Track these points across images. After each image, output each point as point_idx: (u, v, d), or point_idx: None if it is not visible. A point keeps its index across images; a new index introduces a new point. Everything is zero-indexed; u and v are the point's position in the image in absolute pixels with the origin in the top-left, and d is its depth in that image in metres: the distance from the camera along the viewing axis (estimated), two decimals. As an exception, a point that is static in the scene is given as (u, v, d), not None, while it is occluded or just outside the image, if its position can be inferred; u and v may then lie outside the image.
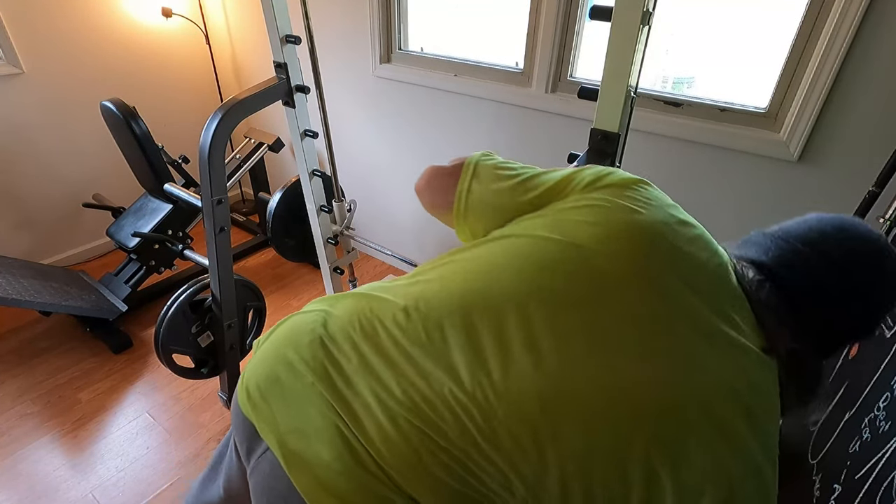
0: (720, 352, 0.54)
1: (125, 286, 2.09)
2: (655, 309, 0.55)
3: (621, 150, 1.02)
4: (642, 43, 0.90)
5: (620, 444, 0.51)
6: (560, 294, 0.56)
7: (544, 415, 0.52)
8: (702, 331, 0.55)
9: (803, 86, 1.27)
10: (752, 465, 0.53)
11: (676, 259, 0.58)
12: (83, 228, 2.51)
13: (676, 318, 0.55)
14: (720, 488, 0.51)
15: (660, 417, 0.51)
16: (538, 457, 0.51)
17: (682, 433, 0.51)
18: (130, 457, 1.58)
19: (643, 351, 0.53)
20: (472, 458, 0.53)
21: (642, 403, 0.51)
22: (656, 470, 0.50)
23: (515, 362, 0.53)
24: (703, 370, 0.53)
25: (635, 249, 0.57)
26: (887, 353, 1.04)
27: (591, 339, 0.54)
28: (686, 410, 0.51)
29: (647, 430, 0.51)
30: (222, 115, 1.30)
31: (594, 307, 0.55)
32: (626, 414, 0.51)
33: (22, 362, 1.91)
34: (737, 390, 0.53)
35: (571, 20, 1.59)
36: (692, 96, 1.47)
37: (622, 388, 0.52)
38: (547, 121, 1.75)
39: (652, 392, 0.52)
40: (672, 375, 0.52)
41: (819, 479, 1.17)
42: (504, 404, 0.52)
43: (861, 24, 1.14)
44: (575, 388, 0.52)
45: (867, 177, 1.18)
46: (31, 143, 2.22)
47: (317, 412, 0.57)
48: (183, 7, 2.48)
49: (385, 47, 2.06)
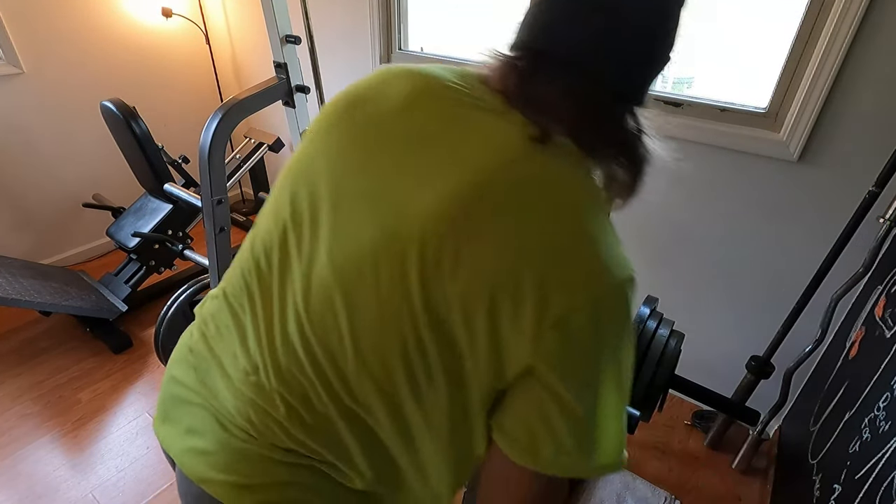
0: (480, 148, 0.50)
1: (125, 286, 2.09)
2: (423, 129, 0.52)
3: (621, 150, 1.02)
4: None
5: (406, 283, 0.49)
6: (340, 182, 0.54)
7: (341, 293, 0.51)
8: (461, 137, 0.51)
9: (803, 86, 1.27)
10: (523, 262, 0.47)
11: (434, 88, 0.56)
12: (83, 228, 2.51)
13: (439, 134, 0.52)
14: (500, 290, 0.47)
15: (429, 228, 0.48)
16: (353, 351, 0.51)
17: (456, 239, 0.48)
18: (130, 457, 1.58)
19: (418, 176, 0.50)
20: (303, 385, 0.54)
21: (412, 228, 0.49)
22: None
23: (316, 260, 0.53)
24: (472, 170, 0.49)
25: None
26: (887, 353, 1.04)
27: (367, 196, 0.51)
28: (455, 220, 0.48)
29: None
30: (222, 116, 1.30)
31: (366, 166, 0.53)
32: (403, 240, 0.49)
33: (22, 362, 1.91)
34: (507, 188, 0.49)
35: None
36: (692, 96, 1.47)
37: (397, 219, 0.49)
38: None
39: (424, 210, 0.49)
40: (441, 186, 0.49)
41: (819, 479, 1.17)
42: (310, 312, 0.53)
43: (861, 24, 1.14)
44: (359, 249, 0.50)
45: (867, 177, 1.18)
46: (30, 144, 2.22)
47: (195, 413, 0.61)
48: (183, 7, 2.48)
49: (385, 47, 2.06)
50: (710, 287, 1.65)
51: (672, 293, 1.71)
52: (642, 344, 1.05)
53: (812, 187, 1.35)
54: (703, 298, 1.68)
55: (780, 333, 1.41)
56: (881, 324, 1.13)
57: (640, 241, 1.74)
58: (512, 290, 0.46)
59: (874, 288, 1.26)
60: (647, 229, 1.70)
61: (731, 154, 1.44)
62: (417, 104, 0.54)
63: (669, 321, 1.11)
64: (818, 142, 1.30)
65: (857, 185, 1.25)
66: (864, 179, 1.21)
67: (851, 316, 1.37)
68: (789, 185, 1.39)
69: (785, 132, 1.33)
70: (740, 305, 1.62)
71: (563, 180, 0.51)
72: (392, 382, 0.52)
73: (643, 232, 1.71)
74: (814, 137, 1.30)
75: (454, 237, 0.47)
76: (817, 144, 1.30)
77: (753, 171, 1.42)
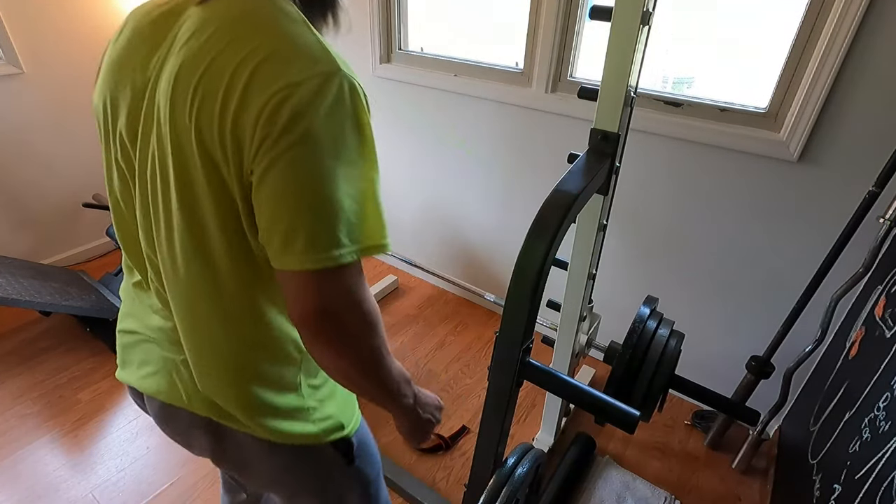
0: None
1: (125, 286, 2.09)
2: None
3: (621, 150, 1.02)
4: (642, 43, 0.90)
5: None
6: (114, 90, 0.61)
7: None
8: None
9: (803, 86, 1.27)
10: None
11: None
12: (83, 228, 2.51)
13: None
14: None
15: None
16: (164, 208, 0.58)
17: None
18: (130, 457, 1.58)
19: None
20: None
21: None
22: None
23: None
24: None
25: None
26: (887, 353, 1.04)
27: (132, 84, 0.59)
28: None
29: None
30: (222, 115, 1.30)
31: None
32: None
33: (22, 362, 1.91)
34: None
35: (571, 20, 1.59)
36: (692, 96, 1.48)
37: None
38: (547, 121, 1.75)
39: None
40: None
41: (819, 479, 1.17)
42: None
43: (861, 24, 1.14)
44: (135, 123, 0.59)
45: (867, 177, 1.18)
46: (30, 144, 2.22)
47: (142, 348, 0.73)
48: (183, 7, 2.48)
49: (385, 47, 2.06)
50: (710, 287, 1.65)
51: (672, 293, 1.72)
52: (642, 344, 1.05)
53: (812, 187, 1.35)
54: (703, 298, 1.69)
55: (780, 333, 1.41)
56: (881, 324, 1.13)
57: (641, 241, 1.74)
58: (227, 90, 0.50)
59: (874, 288, 1.26)
60: (647, 229, 1.70)
61: (731, 154, 1.44)
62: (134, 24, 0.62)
63: (669, 321, 1.11)
64: (818, 142, 1.30)
65: (857, 185, 1.25)
66: (864, 179, 1.21)
67: (851, 316, 1.37)
68: (789, 185, 1.39)
69: (785, 132, 1.33)
70: (740, 305, 1.62)
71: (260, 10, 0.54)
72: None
73: (643, 232, 1.72)
74: (814, 137, 1.30)
75: (187, 77, 0.52)
76: (817, 144, 1.30)
77: (753, 171, 1.42)
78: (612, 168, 1.02)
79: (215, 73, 0.51)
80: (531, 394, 1.86)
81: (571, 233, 1.06)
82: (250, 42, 0.51)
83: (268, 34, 0.52)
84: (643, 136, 1.55)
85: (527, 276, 0.77)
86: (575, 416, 1.78)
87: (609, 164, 1.00)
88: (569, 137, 1.72)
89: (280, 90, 0.49)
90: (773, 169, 1.39)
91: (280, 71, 0.49)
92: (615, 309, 1.82)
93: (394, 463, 1.54)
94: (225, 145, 0.51)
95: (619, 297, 1.85)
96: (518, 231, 2.03)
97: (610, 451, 1.66)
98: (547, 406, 1.59)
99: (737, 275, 1.58)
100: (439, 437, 1.65)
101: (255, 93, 0.49)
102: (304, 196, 0.50)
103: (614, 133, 0.96)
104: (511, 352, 0.83)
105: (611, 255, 1.79)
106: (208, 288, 0.60)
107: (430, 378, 1.92)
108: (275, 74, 0.49)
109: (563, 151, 1.13)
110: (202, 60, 0.51)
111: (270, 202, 0.51)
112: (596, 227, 1.14)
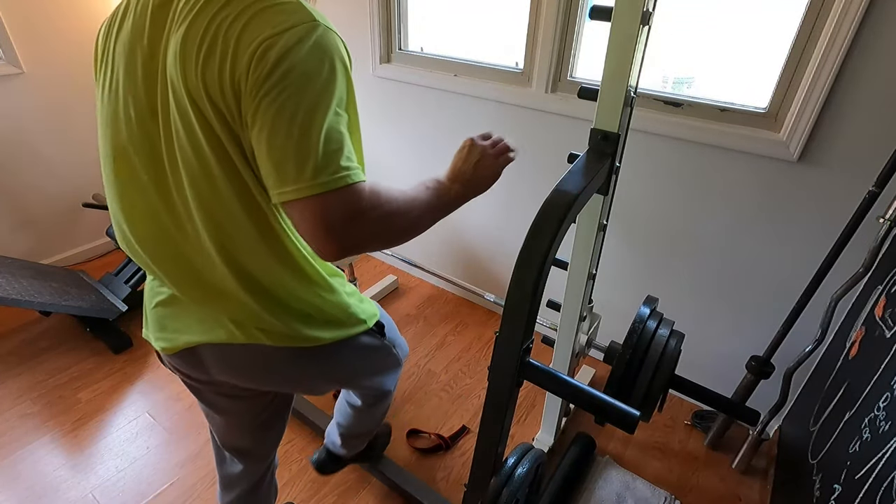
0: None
1: (125, 286, 2.09)
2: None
3: (621, 150, 1.02)
4: (642, 43, 0.90)
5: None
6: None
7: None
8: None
9: (803, 86, 1.27)
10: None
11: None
12: (83, 228, 2.51)
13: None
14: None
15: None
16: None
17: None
18: (130, 457, 1.58)
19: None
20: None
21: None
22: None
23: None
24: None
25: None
26: (887, 353, 1.04)
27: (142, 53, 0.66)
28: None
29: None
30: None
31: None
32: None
33: (22, 362, 1.91)
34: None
35: (571, 20, 1.59)
36: (692, 96, 1.48)
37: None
38: (547, 121, 1.75)
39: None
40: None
41: (819, 479, 1.17)
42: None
43: (861, 24, 1.14)
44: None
45: (867, 177, 1.18)
46: (30, 143, 2.22)
47: (176, 313, 0.82)
48: (183, 7, 2.48)
49: (385, 47, 2.06)
50: (710, 287, 1.65)
51: (672, 293, 1.72)
52: (642, 344, 1.05)
53: (812, 187, 1.35)
54: (702, 298, 1.69)
55: (780, 333, 1.41)
56: (881, 324, 1.13)
57: (641, 241, 1.74)
58: (223, 47, 0.58)
59: (874, 288, 1.26)
60: (647, 229, 1.70)
61: (732, 154, 1.44)
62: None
63: (669, 321, 1.11)
64: (818, 142, 1.30)
65: (857, 185, 1.25)
66: (864, 179, 1.21)
67: (851, 316, 1.37)
68: (789, 185, 1.39)
69: (785, 132, 1.33)
70: (740, 305, 1.62)
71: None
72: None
73: (643, 232, 1.72)
74: (814, 137, 1.30)
75: (192, 40, 0.60)
76: (817, 144, 1.30)
77: (753, 171, 1.42)
78: (613, 168, 1.02)
79: (213, 34, 0.58)
80: (531, 394, 1.86)
81: (571, 233, 1.06)
82: (240, 3, 0.59)
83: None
84: (643, 136, 1.55)
85: (527, 276, 0.77)
86: (575, 416, 1.78)
87: (609, 165, 1.00)
88: (569, 137, 1.72)
89: (266, 39, 0.56)
90: (773, 169, 1.39)
91: (266, 23, 0.57)
92: (615, 309, 1.82)
93: (394, 463, 1.54)
94: (226, 95, 0.58)
95: (619, 297, 1.85)
96: (518, 231, 2.03)
97: (610, 451, 1.66)
98: (547, 406, 1.59)
99: (737, 275, 1.58)
100: (439, 438, 1.65)
101: (245, 44, 0.57)
102: (290, 130, 0.56)
103: (614, 133, 0.96)
104: (511, 352, 0.83)
105: (611, 255, 1.79)
106: (213, 228, 0.68)
107: (430, 378, 1.92)
108: (261, 27, 0.57)
109: (563, 151, 1.13)
110: (200, 25, 0.59)
111: (262, 139, 0.58)
112: (596, 227, 1.14)
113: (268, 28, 0.56)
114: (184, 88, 0.60)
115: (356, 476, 1.54)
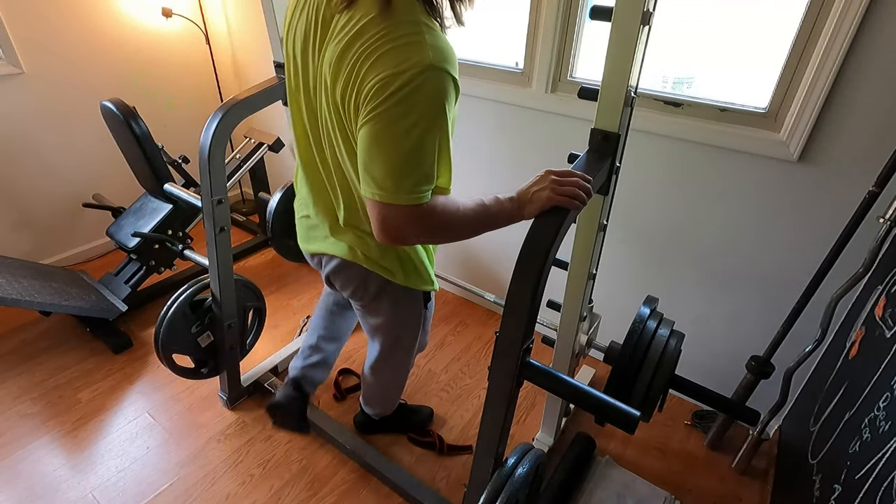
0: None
1: (125, 286, 2.09)
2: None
3: (621, 150, 1.02)
4: (642, 43, 0.90)
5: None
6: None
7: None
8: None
9: (803, 86, 1.27)
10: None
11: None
12: (83, 228, 2.51)
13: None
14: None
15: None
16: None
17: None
18: (130, 457, 1.58)
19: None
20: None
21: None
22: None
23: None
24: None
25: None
26: (887, 353, 1.04)
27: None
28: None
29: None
30: (222, 115, 1.30)
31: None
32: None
33: (22, 362, 1.91)
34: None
35: (571, 20, 1.59)
36: (692, 96, 1.47)
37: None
38: (547, 121, 1.75)
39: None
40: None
41: (819, 480, 1.17)
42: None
43: (861, 24, 1.14)
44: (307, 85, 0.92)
45: (867, 177, 1.18)
46: (31, 144, 2.22)
47: (313, 228, 1.16)
48: (183, 7, 2.48)
49: (385, 47, 2.06)
50: (711, 286, 1.65)
51: (672, 293, 1.72)
52: (642, 344, 1.05)
53: (812, 187, 1.35)
54: (703, 298, 1.69)
55: (780, 333, 1.41)
56: (881, 324, 1.13)
57: (641, 242, 1.74)
58: (357, 73, 0.75)
59: (874, 288, 1.26)
60: (647, 229, 1.70)
61: (731, 154, 1.44)
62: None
63: (669, 321, 1.12)
64: (818, 142, 1.30)
65: (857, 185, 1.25)
66: (864, 179, 1.21)
67: (851, 316, 1.37)
68: (789, 185, 1.39)
69: (785, 132, 1.33)
70: (740, 305, 1.62)
71: (400, 23, 0.75)
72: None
73: (643, 232, 1.72)
74: (814, 137, 1.30)
75: (340, 66, 0.78)
76: (817, 144, 1.30)
77: (753, 171, 1.42)
78: (613, 168, 1.02)
79: (352, 64, 0.75)
80: (531, 394, 1.86)
81: (571, 233, 1.06)
82: (378, 40, 0.73)
83: (388, 34, 0.73)
84: (643, 136, 1.55)
85: (527, 275, 0.77)
86: (575, 416, 1.78)
87: (609, 164, 1.00)
88: (569, 137, 1.72)
89: (385, 76, 0.71)
90: (773, 169, 1.39)
91: (389, 62, 0.72)
92: (615, 309, 1.81)
93: (394, 463, 1.54)
94: (349, 109, 0.79)
95: (619, 297, 1.85)
96: (518, 231, 2.02)
97: (610, 451, 1.66)
98: (547, 406, 1.59)
99: (737, 275, 1.58)
100: (437, 438, 1.65)
101: (370, 77, 0.73)
102: (378, 146, 0.75)
103: (615, 133, 0.96)
104: (511, 352, 0.83)
105: (611, 254, 1.79)
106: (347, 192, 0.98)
107: (430, 378, 1.92)
108: (385, 64, 0.72)
109: (563, 151, 1.13)
110: (349, 49, 0.76)
111: (359, 147, 0.79)
112: (596, 227, 1.14)
113: (389, 67, 0.71)
114: (331, 90, 0.81)
115: (356, 476, 1.55)
